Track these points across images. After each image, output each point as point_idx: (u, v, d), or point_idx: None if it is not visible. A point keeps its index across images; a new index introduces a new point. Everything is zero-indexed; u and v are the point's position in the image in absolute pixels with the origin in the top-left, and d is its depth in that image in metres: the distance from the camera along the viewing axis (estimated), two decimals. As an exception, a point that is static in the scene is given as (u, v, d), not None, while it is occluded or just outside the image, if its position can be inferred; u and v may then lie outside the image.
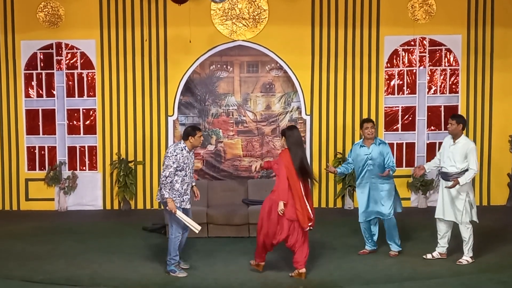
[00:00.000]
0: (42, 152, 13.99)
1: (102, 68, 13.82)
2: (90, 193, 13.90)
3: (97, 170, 13.98)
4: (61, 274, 8.55)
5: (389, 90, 13.87)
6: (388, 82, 13.87)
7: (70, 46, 13.84)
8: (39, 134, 13.97)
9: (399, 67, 13.84)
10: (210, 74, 14.03)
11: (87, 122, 13.96)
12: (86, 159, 14.00)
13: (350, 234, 10.74)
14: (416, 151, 13.89)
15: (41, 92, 13.93)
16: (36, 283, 8.12)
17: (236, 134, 14.06)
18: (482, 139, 13.82)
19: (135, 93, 13.85)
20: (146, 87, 13.84)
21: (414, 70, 13.85)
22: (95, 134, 13.92)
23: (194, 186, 8.92)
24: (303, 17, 13.70)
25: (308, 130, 13.84)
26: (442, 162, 9.26)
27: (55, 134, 13.95)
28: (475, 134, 13.80)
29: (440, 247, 9.28)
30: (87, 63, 13.86)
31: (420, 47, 13.81)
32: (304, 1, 13.67)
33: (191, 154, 8.69)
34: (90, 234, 11.27)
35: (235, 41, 13.79)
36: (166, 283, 8.16)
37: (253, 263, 8.74)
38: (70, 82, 13.91)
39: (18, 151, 13.93)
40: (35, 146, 13.98)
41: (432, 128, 13.89)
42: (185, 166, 8.50)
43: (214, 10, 13.70)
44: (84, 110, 13.96)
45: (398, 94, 13.87)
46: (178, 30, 13.56)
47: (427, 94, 13.87)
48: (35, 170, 13.98)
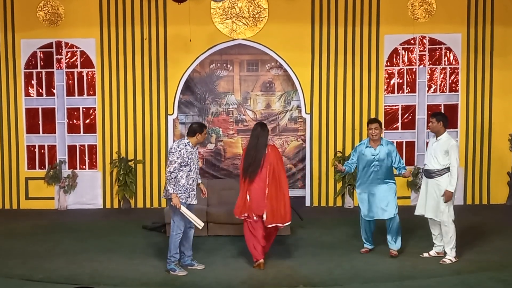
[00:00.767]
0: (42, 151, 13.99)
1: (102, 67, 13.82)
2: (90, 192, 13.90)
3: (97, 169, 13.98)
4: (61, 272, 8.54)
5: (389, 89, 13.87)
6: (388, 80, 13.87)
7: (70, 45, 13.84)
8: (39, 133, 13.97)
9: (399, 66, 13.84)
10: (210, 73, 14.05)
11: (87, 121, 13.96)
12: (86, 158, 14.00)
13: (350, 233, 10.73)
14: (416, 150, 13.89)
15: (41, 91, 13.93)
16: (36, 282, 8.11)
17: (236, 132, 14.07)
18: (482, 138, 13.82)
19: (135, 92, 13.85)
20: (146, 86, 13.84)
21: (414, 69, 13.85)
22: (95, 133, 13.92)
23: (200, 183, 8.91)
24: (303, 16, 13.70)
25: (308, 128, 13.83)
26: (426, 160, 9.31)
27: (55, 133, 13.96)
28: (475, 133, 13.81)
29: (436, 247, 9.27)
30: (87, 62, 13.86)
31: (420, 46, 13.81)
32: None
33: (195, 150, 8.69)
34: (90, 233, 11.26)
35: (235, 39, 13.79)
36: (166, 282, 8.15)
37: (255, 264, 8.77)
38: (70, 81, 13.91)
39: (18, 150, 13.93)
40: (35, 145, 13.99)
41: (432, 126, 13.88)
42: (189, 161, 8.50)
43: (214, 9, 13.70)
44: (84, 109, 13.96)
45: (398, 92, 13.87)
46: (178, 29, 13.56)
47: (427, 92, 13.87)
48: (35, 169, 13.98)
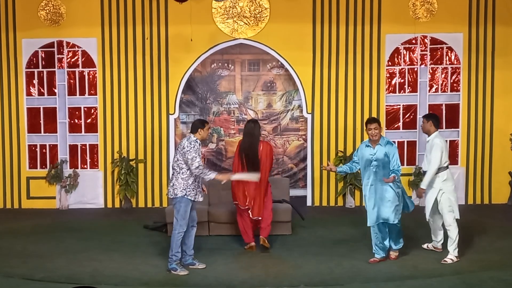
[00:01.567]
0: (44, 150, 13.99)
1: (104, 66, 13.82)
2: (91, 191, 13.90)
3: (98, 168, 13.98)
4: (62, 272, 8.55)
5: (390, 89, 13.86)
6: (389, 80, 13.86)
7: (71, 44, 13.85)
8: (41, 133, 13.97)
9: (400, 65, 13.83)
10: (211, 73, 14.06)
11: (89, 120, 13.97)
12: (88, 157, 14.00)
13: (351, 232, 10.74)
14: (417, 150, 13.88)
15: (42, 90, 13.94)
16: (37, 281, 8.11)
17: (237, 132, 14.08)
18: (483, 137, 13.81)
19: (136, 91, 13.85)
20: (147, 86, 13.84)
21: (415, 68, 13.84)
22: (97, 132, 13.93)
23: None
24: (304, 15, 13.69)
25: (309, 128, 13.83)
26: (423, 163, 9.70)
27: (57, 133, 13.96)
28: (476, 133, 13.80)
29: (433, 241, 9.72)
30: (89, 61, 13.87)
31: (421, 45, 13.80)
32: (305, -1, 13.72)
33: (200, 147, 8.74)
34: (91, 232, 11.26)
35: (236, 39, 13.79)
36: (167, 281, 8.15)
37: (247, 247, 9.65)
38: (72, 80, 13.91)
39: (20, 149, 13.94)
40: (37, 145, 13.99)
41: (433, 126, 13.87)
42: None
43: (215, 8, 13.69)
44: (85, 108, 13.96)
45: (399, 92, 13.86)
46: (179, 28, 13.56)
47: (428, 92, 13.86)
48: (37, 168, 13.99)
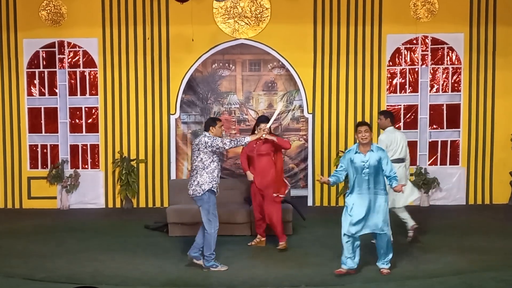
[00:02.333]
0: (45, 150, 14.01)
1: (104, 66, 13.83)
2: (92, 191, 13.91)
3: (99, 168, 13.99)
4: (62, 272, 8.54)
5: (391, 89, 13.87)
6: (390, 80, 13.86)
7: (72, 44, 13.86)
8: (42, 133, 13.99)
9: (401, 66, 13.83)
10: (212, 73, 14.05)
11: (90, 121, 13.98)
12: (88, 158, 14.02)
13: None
14: (418, 150, 13.88)
15: (43, 90, 13.95)
16: (37, 281, 8.10)
17: (238, 132, 14.07)
18: (484, 138, 13.80)
19: (137, 91, 13.86)
20: (148, 86, 13.85)
21: (416, 69, 13.84)
22: (97, 132, 13.94)
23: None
24: (305, 15, 13.70)
25: (310, 128, 13.83)
26: None
27: (57, 133, 13.97)
28: (477, 133, 13.79)
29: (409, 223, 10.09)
30: (90, 62, 13.88)
31: (422, 46, 13.80)
32: (306, -1, 13.72)
33: None
34: (92, 232, 11.26)
35: (237, 39, 13.80)
36: (168, 281, 8.14)
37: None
38: (73, 81, 13.92)
39: (21, 150, 13.95)
40: (38, 145, 14.00)
41: (434, 126, 13.89)
42: (218, 152, 8.69)
43: (216, 8, 13.70)
44: (86, 109, 13.97)
45: (400, 92, 13.86)
46: (180, 28, 13.57)
47: (429, 92, 13.86)
48: (38, 168, 14.00)
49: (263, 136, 9.23)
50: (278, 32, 13.67)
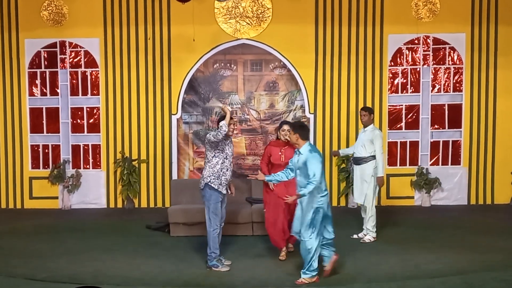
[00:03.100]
0: (46, 150, 14.02)
1: (106, 66, 13.84)
2: (93, 191, 13.92)
3: (100, 168, 14.00)
4: (64, 272, 8.55)
5: (392, 89, 13.86)
6: (391, 80, 13.85)
7: (74, 44, 13.87)
8: (43, 133, 14.00)
9: (403, 66, 13.83)
10: (214, 73, 14.04)
11: (91, 121, 13.99)
12: (90, 158, 14.03)
13: (353, 233, 10.72)
14: (419, 150, 13.88)
15: (45, 90, 13.96)
16: (39, 281, 8.11)
17: (239, 132, 14.05)
18: (486, 137, 13.80)
19: (139, 91, 13.87)
20: (149, 86, 13.85)
21: (418, 69, 13.83)
22: (99, 132, 13.95)
23: (230, 181, 8.96)
24: (307, 15, 13.70)
25: (311, 128, 13.82)
26: (355, 149, 10.43)
27: (59, 133, 13.98)
28: (479, 132, 13.79)
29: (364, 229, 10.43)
30: (91, 62, 13.89)
31: (424, 46, 13.79)
32: (307, -1, 13.72)
33: (229, 143, 8.84)
34: (93, 232, 11.27)
35: (239, 39, 13.81)
36: (169, 281, 8.14)
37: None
38: (74, 81, 13.93)
39: (22, 150, 13.97)
40: (39, 145, 14.01)
41: (436, 126, 13.88)
42: (225, 147, 8.71)
43: (217, 8, 13.70)
44: (87, 109, 13.98)
45: (402, 92, 13.86)
46: (182, 28, 13.57)
47: (431, 92, 13.85)
48: (39, 168, 14.01)
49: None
50: (279, 32, 13.67)
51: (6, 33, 13.81)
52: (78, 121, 14.00)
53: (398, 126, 13.87)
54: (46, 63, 13.93)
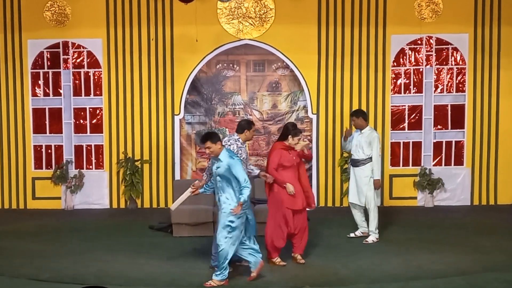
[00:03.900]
0: (49, 150, 14.03)
1: (109, 67, 13.85)
2: (96, 192, 13.93)
3: (103, 169, 14.01)
4: (67, 272, 8.55)
5: (395, 89, 13.85)
6: (394, 81, 13.85)
7: (76, 45, 13.88)
8: (46, 133, 14.01)
9: (406, 66, 13.82)
10: (217, 73, 14.04)
11: (94, 121, 14.00)
12: (93, 158, 14.03)
13: (356, 233, 10.72)
14: (422, 150, 13.86)
15: (47, 91, 13.98)
16: (42, 281, 8.12)
17: (243, 132, 14.04)
18: (489, 138, 13.78)
19: (142, 92, 13.87)
20: (152, 86, 13.86)
21: (421, 69, 13.82)
22: (102, 133, 13.95)
23: (260, 172, 8.91)
24: (310, 16, 13.70)
25: (314, 129, 13.83)
26: (352, 151, 10.43)
27: (62, 133, 13.99)
28: (482, 133, 13.77)
29: (361, 228, 10.59)
30: (94, 62, 13.90)
31: (426, 46, 13.78)
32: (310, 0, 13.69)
33: (244, 147, 8.76)
34: (96, 232, 11.29)
35: (242, 40, 13.81)
36: (171, 282, 8.14)
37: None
38: (77, 81, 13.95)
39: (25, 150, 13.97)
40: (42, 145, 14.02)
41: (438, 127, 13.87)
42: (241, 152, 8.61)
43: (220, 9, 13.71)
44: (90, 109, 13.99)
45: (405, 93, 13.85)
46: (185, 29, 13.58)
47: (434, 93, 13.84)
48: (42, 168, 14.02)
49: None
50: (282, 32, 13.67)
51: (9, 33, 13.82)
52: (81, 121, 14.01)
53: (401, 126, 13.86)
54: (49, 64, 13.94)
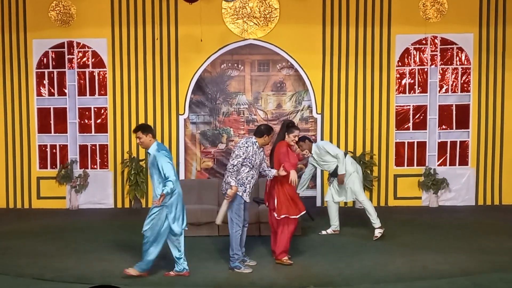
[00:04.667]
0: (54, 150, 14.05)
1: (114, 66, 13.87)
2: (101, 191, 13.95)
3: (108, 168, 14.03)
4: (71, 272, 8.56)
5: (400, 89, 13.84)
6: (399, 81, 13.83)
7: (81, 44, 13.90)
8: (51, 133, 14.04)
9: (411, 66, 13.80)
10: (221, 73, 14.05)
11: (99, 121, 14.02)
12: (98, 158, 14.06)
13: (360, 233, 10.72)
14: (427, 150, 13.85)
15: (52, 90, 14.00)
16: (47, 281, 8.13)
17: (247, 132, 14.05)
18: (494, 138, 13.76)
19: (146, 91, 13.89)
20: (157, 86, 13.87)
21: (426, 69, 13.80)
22: (106, 132, 13.98)
23: (277, 171, 8.78)
24: (314, 15, 13.69)
25: (318, 128, 13.82)
26: (325, 169, 10.89)
27: (67, 133, 14.02)
28: (487, 133, 13.75)
29: (332, 226, 10.93)
30: (99, 62, 13.92)
31: (431, 46, 13.77)
32: (315, -1, 13.71)
33: (260, 151, 8.67)
34: (101, 232, 11.29)
35: (246, 39, 13.81)
36: (175, 281, 8.15)
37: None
38: (82, 81, 13.97)
39: (30, 150, 14.00)
40: (47, 145, 14.06)
41: (443, 127, 13.85)
42: (253, 160, 8.53)
43: (225, 9, 13.71)
44: (95, 109, 14.02)
45: (410, 93, 13.83)
46: (189, 28, 13.59)
47: (439, 93, 13.83)
48: (47, 168, 14.05)
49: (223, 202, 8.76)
50: (287, 32, 13.67)
51: (14, 33, 13.85)
52: (86, 121, 14.03)
53: (406, 126, 13.85)
54: (54, 63, 13.97)
